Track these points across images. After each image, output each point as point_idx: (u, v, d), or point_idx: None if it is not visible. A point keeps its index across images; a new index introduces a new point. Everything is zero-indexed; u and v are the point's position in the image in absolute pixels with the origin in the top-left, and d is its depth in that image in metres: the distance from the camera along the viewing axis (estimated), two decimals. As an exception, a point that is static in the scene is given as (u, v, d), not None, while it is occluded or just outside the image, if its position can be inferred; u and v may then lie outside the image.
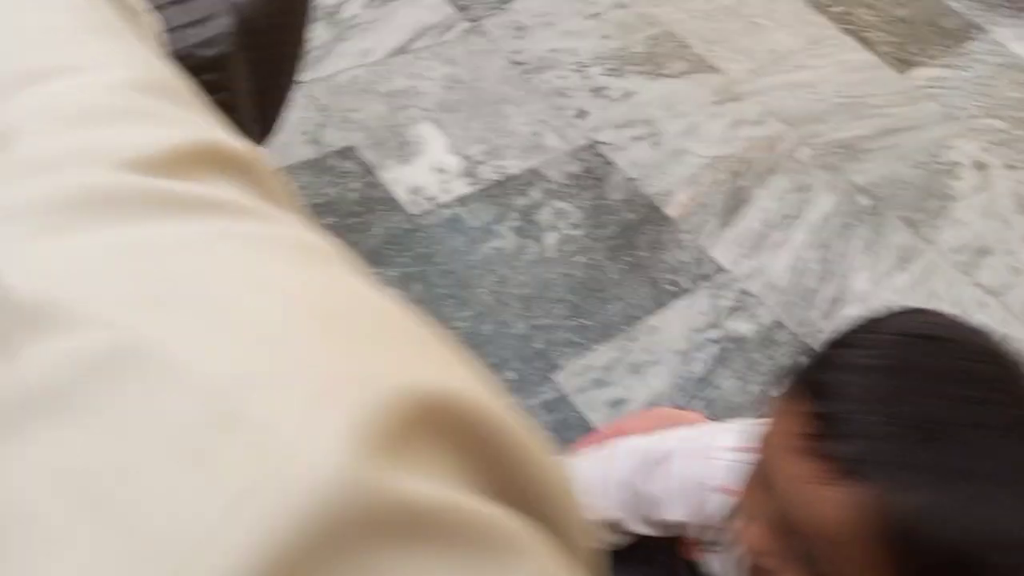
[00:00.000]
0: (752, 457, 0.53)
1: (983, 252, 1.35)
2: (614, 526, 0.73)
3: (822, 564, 0.48)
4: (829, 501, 0.45)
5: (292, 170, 1.15)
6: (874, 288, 1.26)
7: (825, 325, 1.20)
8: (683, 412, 0.95)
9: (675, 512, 0.66)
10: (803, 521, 0.47)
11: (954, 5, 1.82)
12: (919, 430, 0.45)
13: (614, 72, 1.47)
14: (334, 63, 1.34)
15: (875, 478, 0.44)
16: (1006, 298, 1.30)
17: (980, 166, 1.49)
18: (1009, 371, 0.49)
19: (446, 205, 1.20)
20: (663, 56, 1.53)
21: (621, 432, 0.81)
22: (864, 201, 1.38)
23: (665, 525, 0.70)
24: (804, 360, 0.51)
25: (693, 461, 0.66)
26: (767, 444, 0.51)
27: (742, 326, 1.18)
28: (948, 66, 1.67)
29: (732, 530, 0.59)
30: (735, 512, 0.56)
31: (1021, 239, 1.39)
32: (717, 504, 0.63)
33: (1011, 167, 1.51)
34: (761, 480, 0.51)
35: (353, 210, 1.15)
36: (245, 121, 0.67)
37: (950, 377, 0.47)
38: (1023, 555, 0.45)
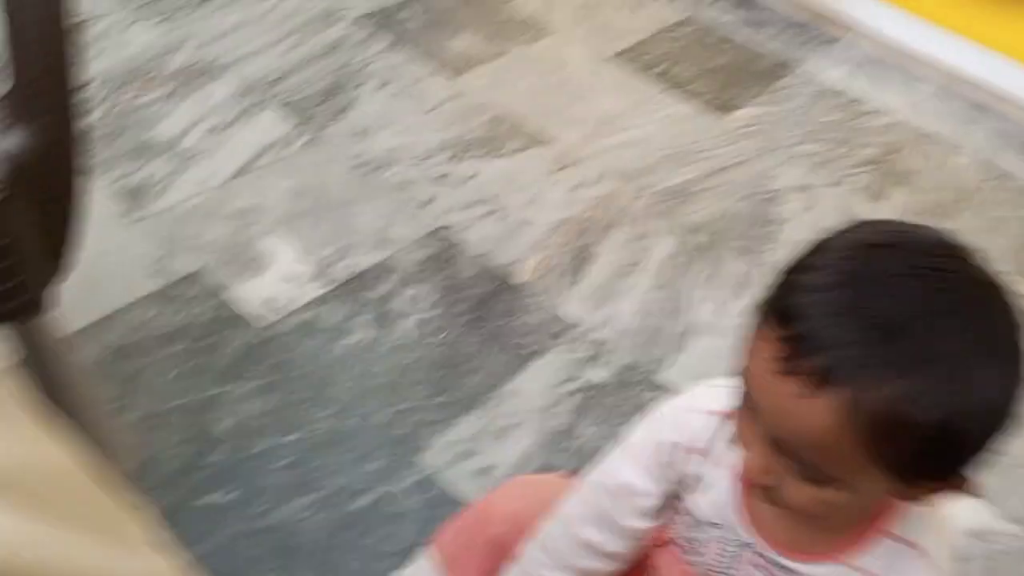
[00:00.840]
0: (736, 391, 0.57)
1: (816, 267, 1.45)
2: None
3: (820, 470, 0.53)
4: (810, 412, 0.50)
5: (137, 304, 1.18)
6: (717, 317, 1.34)
7: (676, 358, 1.27)
8: (544, 477, 0.98)
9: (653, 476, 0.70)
10: (792, 436, 0.53)
11: (766, 48, 1.98)
12: (879, 330, 0.50)
13: (454, 159, 1.55)
14: (176, 194, 1.38)
15: (847, 382, 0.49)
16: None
17: (804, 188, 1.61)
18: (958, 255, 0.53)
19: (298, 311, 1.24)
20: (500, 137, 1.62)
21: (488, 512, 0.84)
22: (700, 239, 1.47)
23: (634, 533, 0.72)
24: (768, 291, 0.55)
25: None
26: (748, 375, 0.55)
27: (598, 374, 1.23)
28: (765, 103, 1.82)
29: (730, 459, 0.64)
30: (733, 441, 0.60)
31: (849, 249, 1.50)
32: (702, 427, 0.67)
33: (834, 184, 1.64)
34: (748, 409, 0.56)
35: (203, 333, 1.18)
36: (33, 261, 0.71)
37: (902, 275, 0.51)
38: (998, 417, 0.50)
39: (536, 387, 1.20)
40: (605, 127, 1.68)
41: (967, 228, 1.58)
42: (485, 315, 1.29)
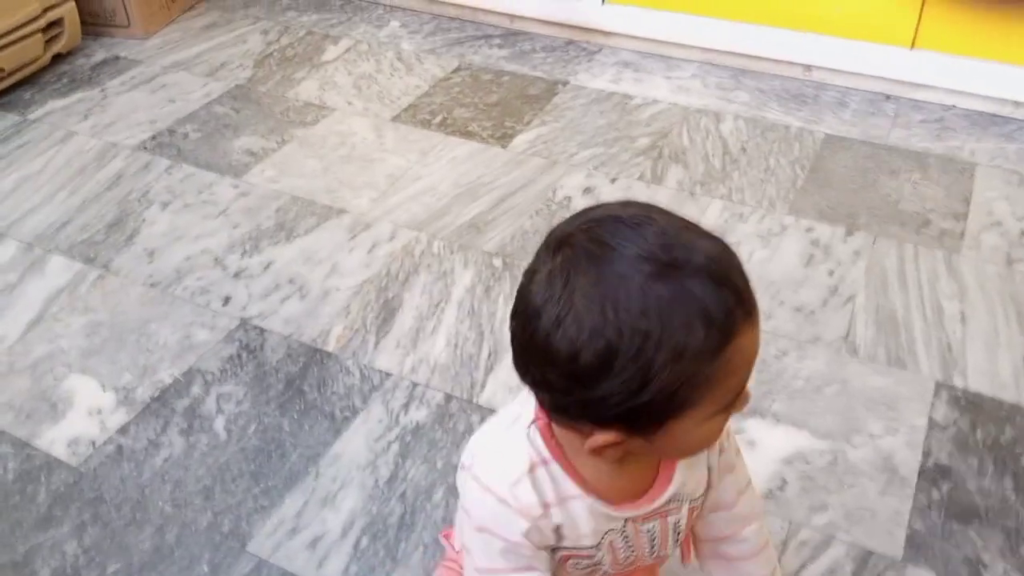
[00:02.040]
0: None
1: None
2: None
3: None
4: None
5: (-73, 482, 1.15)
6: (524, 330, 1.39)
7: (489, 378, 1.31)
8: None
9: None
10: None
11: (535, 74, 2.10)
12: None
13: (250, 252, 1.58)
14: (-36, 363, 1.36)
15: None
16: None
17: (588, 190, 1.70)
18: (657, 222, 0.59)
19: (107, 442, 1.23)
20: (292, 220, 1.66)
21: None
22: (498, 263, 1.53)
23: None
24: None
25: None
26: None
27: (417, 415, 1.26)
28: (542, 124, 1.91)
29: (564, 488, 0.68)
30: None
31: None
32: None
33: (614, 180, 1.73)
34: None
35: (13, 489, 1.16)
36: None
37: (601, 227, 0.59)
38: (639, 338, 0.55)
39: (357, 446, 1.22)
40: (394, 186, 1.74)
41: (741, 185, 1.69)
42: (299, 391, 1.31)
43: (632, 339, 0.55)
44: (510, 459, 0.69)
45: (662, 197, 1.67)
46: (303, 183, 1.76)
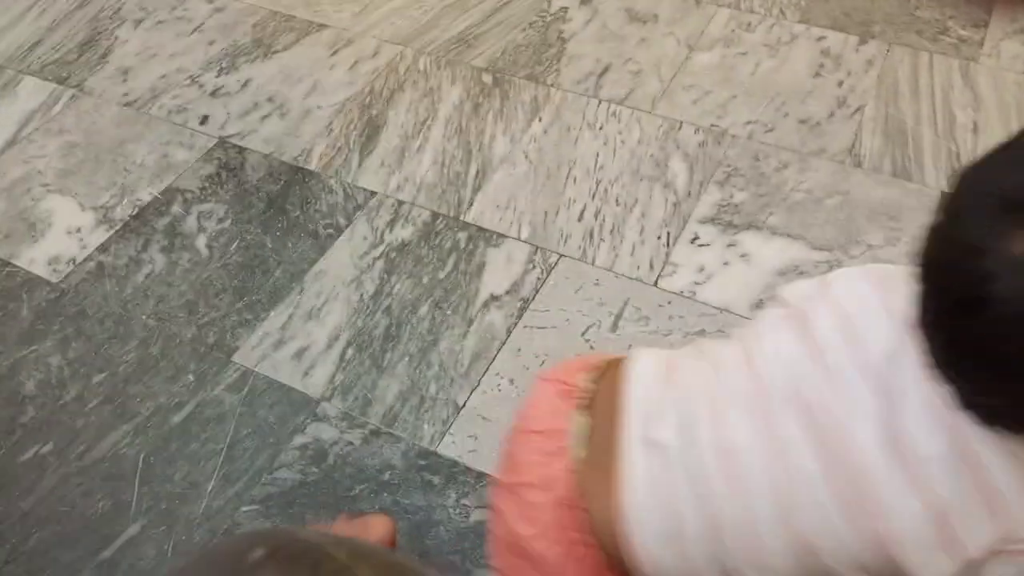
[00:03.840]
0: None
1: (604, 72, 1.44)
2: None
3: None
4: None
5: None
6: (513, 146, 1.33)
7: (476, 196, 1.26)
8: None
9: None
10: None
11: None
12: None
13: (227, 70, 1.50)
14: (-63, 184, 1.33)
15: None
16: (631, 99, 1.39)
17: (585, 1, 1.59)
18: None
19: (87, 260, 1.21)
20: (270, 36, 1.56)
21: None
22: (487, 79, 1.45)
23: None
24: None
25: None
26: None
27: (403, 232, 1.23)
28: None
29: None
30: None
31: (636, 44, 1.49)
32: None
33: (614, -10, 1.61)
34: None
35: (-12, 304, 1.15)
36: None
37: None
38: None
39: (341, 263, 1.19)
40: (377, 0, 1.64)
41: None
42: (281, 209, 1.27)
43: None
44: None
45: (665, 7, 1.56)
46: (281, -3, 1.65)
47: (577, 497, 0.61)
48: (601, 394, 0.65)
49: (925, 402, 0.50)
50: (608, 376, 0.67)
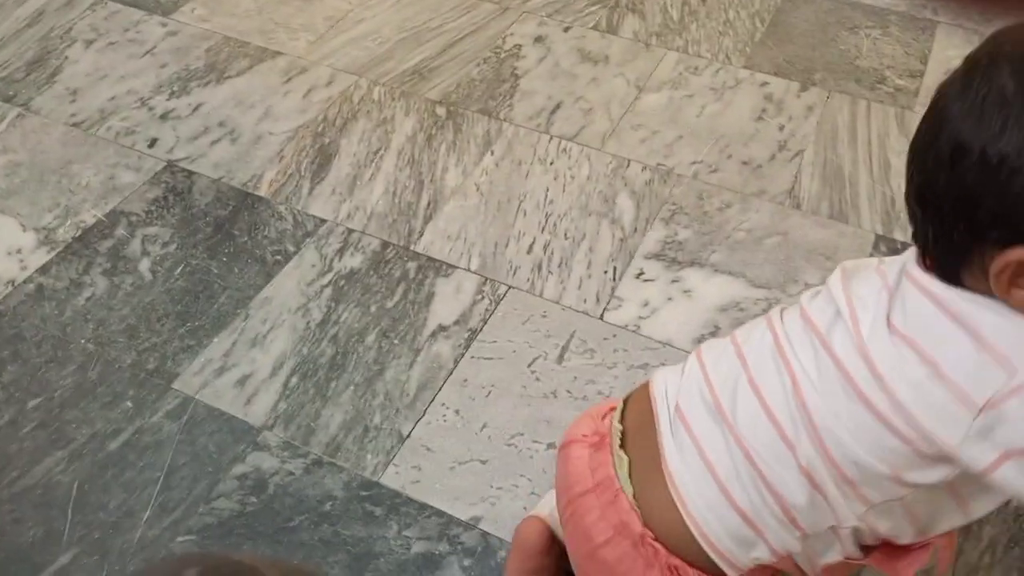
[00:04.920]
0: None
1: (555, 109, 1.47)
2: None
3: None
4: None
5: None
6: (465, 178, 1.35)
7: (427, 227, 1.27)
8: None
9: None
10: None
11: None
12: None
13: (177, 93, 1.49)
14: None
15: None
16: (582, 136, 1.42)
17: (539, 39, 1.62)
18: None
19: (26, 282, 1.19)
20: (224, 61, 1.56)
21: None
22: (441, 111, 1.47)
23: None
24: None
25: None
26: None
27: (352, 261, 1.23)
28: (494, -31, 1.81)
29: None
30: None
31: (588, 83, 1.53)
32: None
33: (567, 28, 1.65)
34: None
35: (-83, 325, 1.12)
36: None
37: None
38: None
39: (288, 290, 1.19)
40: (333, 28, 1.65)
41: (698, 38, 1.63)
42: (228, 235, 1.26)
43: None
44: None
45: (616, 48, 1.60)
46: (236, 23, 1.65)
47: (648, 529, 0.64)
48: (630, 425, 0.69)
49: (916, 287, 0.58)
50: (631, 407, 0.71)
